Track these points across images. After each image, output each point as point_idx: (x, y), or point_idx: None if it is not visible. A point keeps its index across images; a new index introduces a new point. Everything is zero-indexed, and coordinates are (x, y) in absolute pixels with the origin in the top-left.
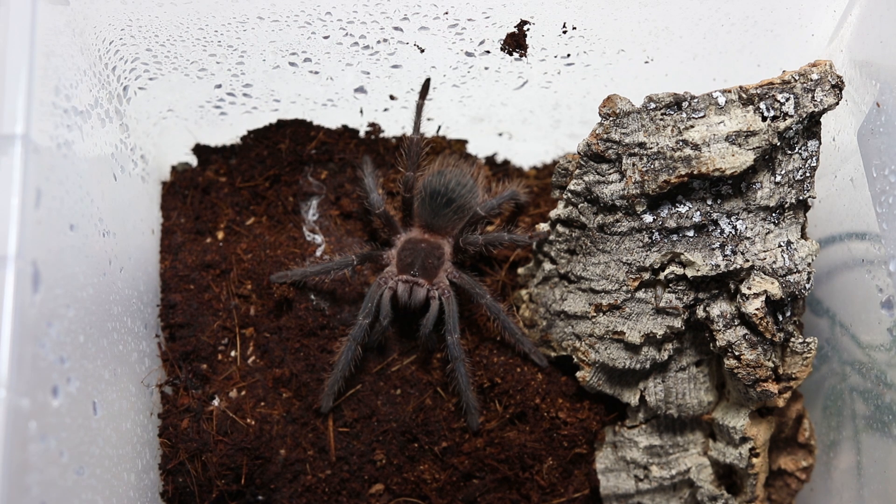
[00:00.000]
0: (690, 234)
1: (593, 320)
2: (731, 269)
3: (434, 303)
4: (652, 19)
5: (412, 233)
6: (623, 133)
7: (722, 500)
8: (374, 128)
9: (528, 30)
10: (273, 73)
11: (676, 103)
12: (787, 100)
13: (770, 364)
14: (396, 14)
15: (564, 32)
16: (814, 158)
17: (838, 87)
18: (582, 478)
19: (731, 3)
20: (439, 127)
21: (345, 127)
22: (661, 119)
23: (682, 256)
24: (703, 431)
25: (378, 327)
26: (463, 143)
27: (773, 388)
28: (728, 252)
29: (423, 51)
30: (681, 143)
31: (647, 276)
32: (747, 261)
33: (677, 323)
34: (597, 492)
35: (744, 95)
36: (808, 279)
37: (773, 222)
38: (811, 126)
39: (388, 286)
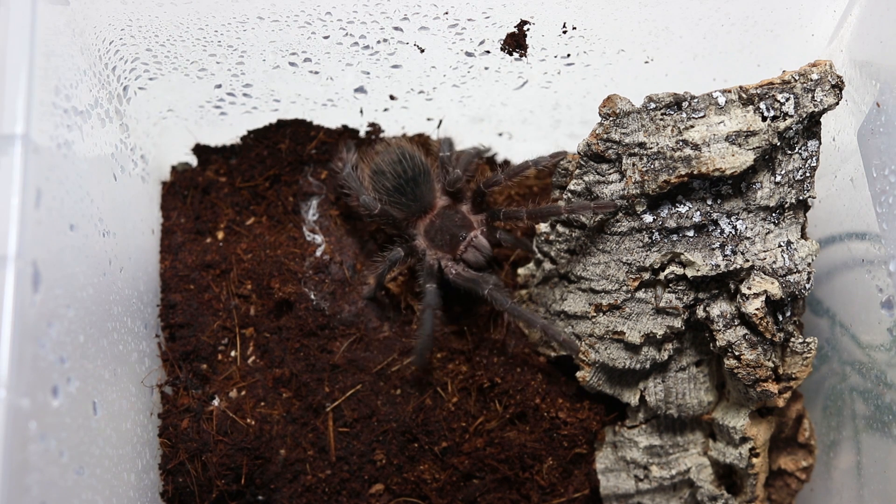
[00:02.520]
0: (690, 234)
1: (593, 320)
2: (731, 269)
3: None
4: (652, 19)
5: (420, 227)
6: (623, 133)
7: (722, 500)
8: (374, 128)
9: (528, 30)
10: (273, 73)
11: (676, 103)
12: (787, 100)
13: (770, 364)
14: (396, 14)
15: (564, 32)
16: (814, 158)
17: (838, 87)
18: (582, 478)
19: (731, 3)
20: (440, 122)
21: (345, 127)
22: (661, 119)
23: (682, 256)
24: (703, 431)
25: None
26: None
27: (773, 388)
28: (728, 252)
29: (423, 51)
30: (681, 143)
31: (647, 276)
32: (747, 261)
33: (677, 323)
34: (597, 492)
35: (744, 95)
36: (808, 279)
37: (773, 222)
38: (811, 126)
39: (461, 267)
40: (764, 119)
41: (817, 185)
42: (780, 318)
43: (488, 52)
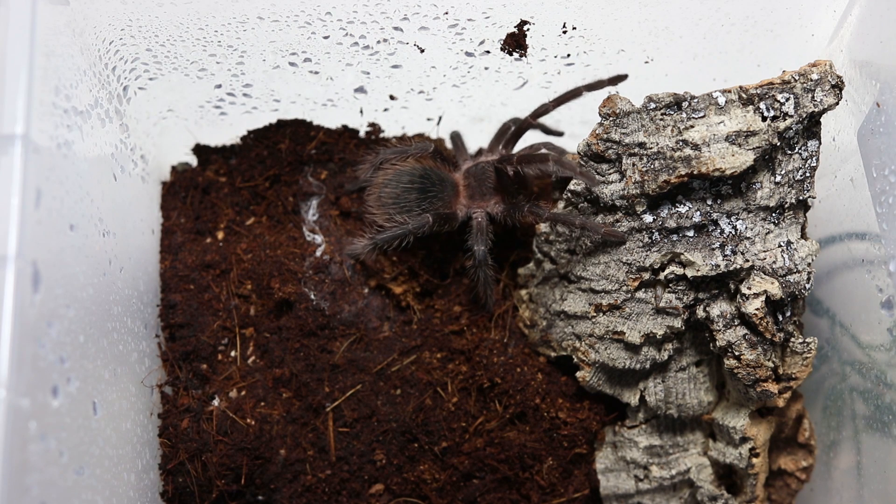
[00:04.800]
0: (690, 234)
1: (593, 320)
2: (731, 269)
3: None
4: (652, 19)
5: (463, 197)
6: (623, 133)
7: (722, 500)
8: (374, 128)
9: (528, 30)
10: (273, 73)
11: (676, 103)
12: (787, 100)
13: (770, 364)
14: (396, 14)
15: (564, 32)
16: (814, 158)
17: (838, 87)
18: (582, 478)
19: (731, 3)
20: (440, 118)
21: (345, 127)
22: (661, 119)
23: (682, 256)
24: (703, 431)
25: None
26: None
27: (773, 388)
28: (728, 252)
29: (423, 51)
30: (681, 143)
31: (647, 276)
32: (747, 261)
33: (677, 323)
34: (597, 492)
35: (744, 95)
36: (808, 279)
37: (773, 222)
38: (811, 126)
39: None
40: (764, 119)
41: (817, 185)
42: (780, 318)
43: (488, 52)
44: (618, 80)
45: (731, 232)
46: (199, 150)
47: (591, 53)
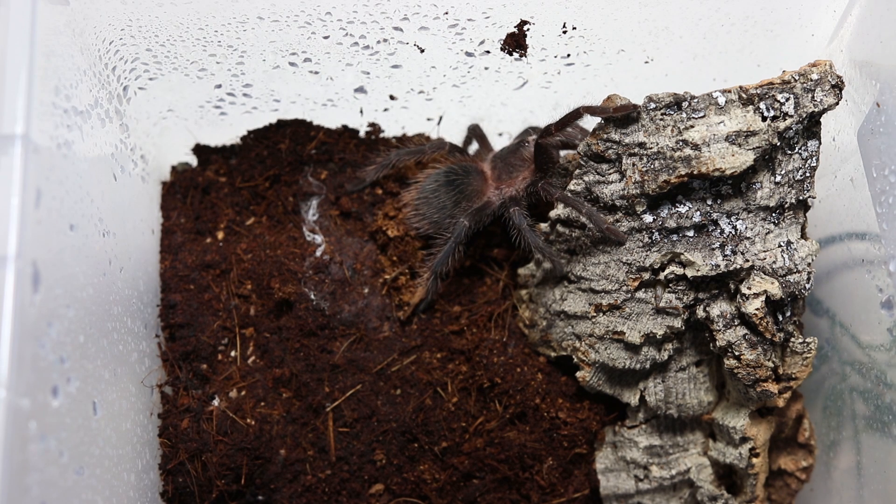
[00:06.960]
0: (690, 234)
1: (593, 320)
2: (731, 269)
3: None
4: (652, 19)
5: (491, 184)
6: (623, 133)
7: (722, 500)
8: (374, 128)
9: (528, 30)
10: (273, 73)
11: (676, 103)
12: (787, 100)
13: (770, 364)
14: (396, 14)
15: (564, 32)
16: (814, 158)
17: (838, 87)
18: (582, 478)
19: (731, 3)
20: (440, 118)
21: (345, 127)
22: (661, 119)
23: (682, 256)
24: (703, 431)
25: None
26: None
27: (773, 388)
28: (728, 252)
29: (423, 51)
30: (681, 143)
31: (647, 276)
32: (747, 261)
33: (677, 323)
34: (597, 492)
35: (744, 95)
36: (808, 279)
37: (773, 222)
38: (811, 126)
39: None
40: (764, 119)
41: (817, 185)
42: (780, 318)
43: (488, 52)
44: (623, 109)
45: (731, 232)
46: (199, 150)
47: (591, 53)
